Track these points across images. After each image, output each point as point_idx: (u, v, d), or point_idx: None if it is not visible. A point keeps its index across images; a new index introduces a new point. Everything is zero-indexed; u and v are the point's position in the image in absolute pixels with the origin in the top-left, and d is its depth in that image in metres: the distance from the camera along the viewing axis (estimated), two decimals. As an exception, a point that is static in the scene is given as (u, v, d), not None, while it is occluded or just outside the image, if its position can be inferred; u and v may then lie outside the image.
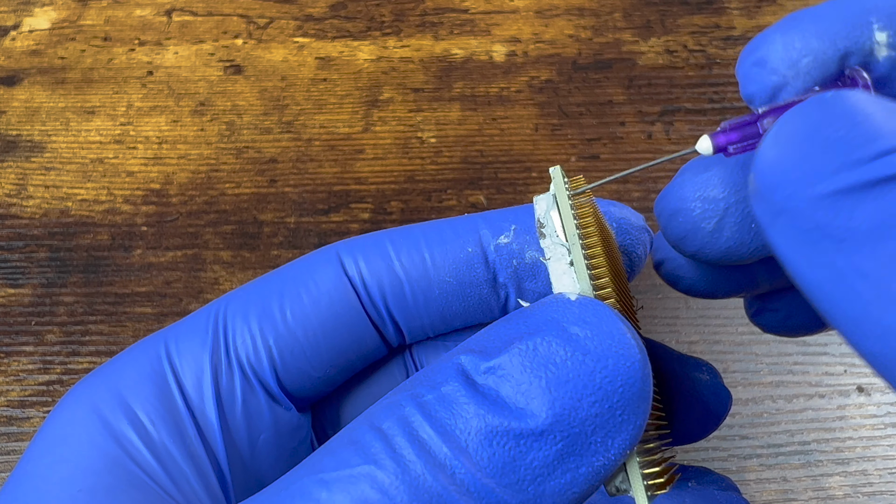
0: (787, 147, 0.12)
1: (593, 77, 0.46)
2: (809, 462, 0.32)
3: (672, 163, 0.42)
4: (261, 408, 0.18)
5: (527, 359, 0.13)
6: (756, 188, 0.12)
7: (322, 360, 0.19)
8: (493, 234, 0.19)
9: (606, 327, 0.14)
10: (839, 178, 0.11)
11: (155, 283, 0.38)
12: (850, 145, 0.11)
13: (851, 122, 0.12)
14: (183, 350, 0.18)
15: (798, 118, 0.12)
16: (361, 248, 0.19)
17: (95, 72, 0.47)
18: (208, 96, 0.45)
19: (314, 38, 0.48)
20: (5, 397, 0.34)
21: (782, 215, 0.12)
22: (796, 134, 0.12)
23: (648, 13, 0.49)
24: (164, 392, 0.18)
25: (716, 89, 0.45)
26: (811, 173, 0.12)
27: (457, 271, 0.19)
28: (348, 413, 0.21)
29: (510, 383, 0.13)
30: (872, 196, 0.11)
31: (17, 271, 0.38)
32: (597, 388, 0.13)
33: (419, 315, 0.19)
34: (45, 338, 0.36)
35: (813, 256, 0.12)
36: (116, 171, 0.42)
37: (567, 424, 0.13)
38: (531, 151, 0.42)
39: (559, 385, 0.13)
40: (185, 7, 0.50)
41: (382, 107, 0.45)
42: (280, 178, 0.42)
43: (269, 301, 0.19)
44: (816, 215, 0.12)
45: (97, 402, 0.18)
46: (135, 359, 0.19)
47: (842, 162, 0.11)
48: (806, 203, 0.12)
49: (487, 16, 0.49)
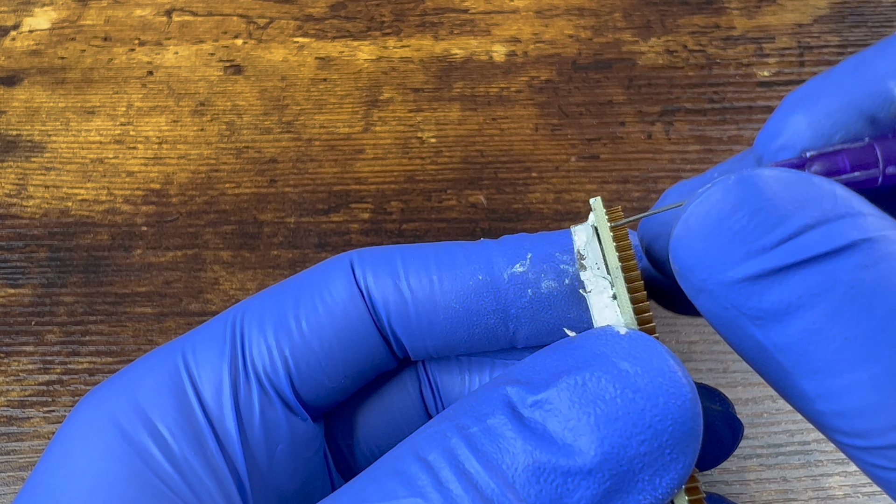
0: (696, 236, 0.13)
1: (593, 77, 0.46)
2: (809, 462, 0.32)
3: (672, 166, 0.42)
4: (278, 418, 0.18)
5: (575, 394, 0.13)
6: (674, 268, 0.13)
7: (336, 369, 0.19)
8: (508, 262, 0.18)
9: (657, 363, 0.13)
10: (745, 267, 0.12)
11: (155, 283, 0.38)
12: (752, 234, 0.12)
13: (753, 208, 0.12)
14: (201, 360, 0.18)
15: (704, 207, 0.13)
16: (372, 261, 0.19)
17: (95, 72, 0.47)
18: (208, 96, 0.45)
19: (314, 38, 0.48)
20: (5, 397, 0.34)
21: (701, 294, 0.13)
22: (704, 223, 0.13)
23: (648, 13, 0.49)
24: (183, 403, 0.18)
25: (716, 89, 0.45)
26: (720, 261, 0.12)
27: (464, 298, 0.18)
28: (361, 424, 0.21)
29: (558, 419, 0.13)
30: (777, 280, 0.12)
31: (18, 271, 0.38)
32: (646, 427, 0.13)
33: (422, 337, 0.19)
34: (45, 338, 0.36)
35: (734, 331, 0.13)
36: (116, 171, 0.42)
37: (615, 463, 0.13)
38: (531, 151, 0.42)
39: (608, 422, 0.13)
40: (185, 7, 0.50)
41: (382, 107, 0.45)
42: (280, 178, 0.42)
43: (284, 310, 0.19)
44: (731, 297, 0.12)
45: (115, 413, 0.17)
46: (152, 369, 0.18)
47: (746, 251, 0.12)
48: (720, 287, 0.12)
49: (487, 16, 0.49)
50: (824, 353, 0.12)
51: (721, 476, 0.32)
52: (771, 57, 0.47)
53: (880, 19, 0.48)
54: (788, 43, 0.47)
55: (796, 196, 0.12)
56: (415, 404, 0.21)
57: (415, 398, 0.21)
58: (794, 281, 0.12)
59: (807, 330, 0.12)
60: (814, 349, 0.12)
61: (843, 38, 0.47)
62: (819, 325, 0.12)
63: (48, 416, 0.34)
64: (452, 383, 0.20)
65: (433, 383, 0.21)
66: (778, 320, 0.12)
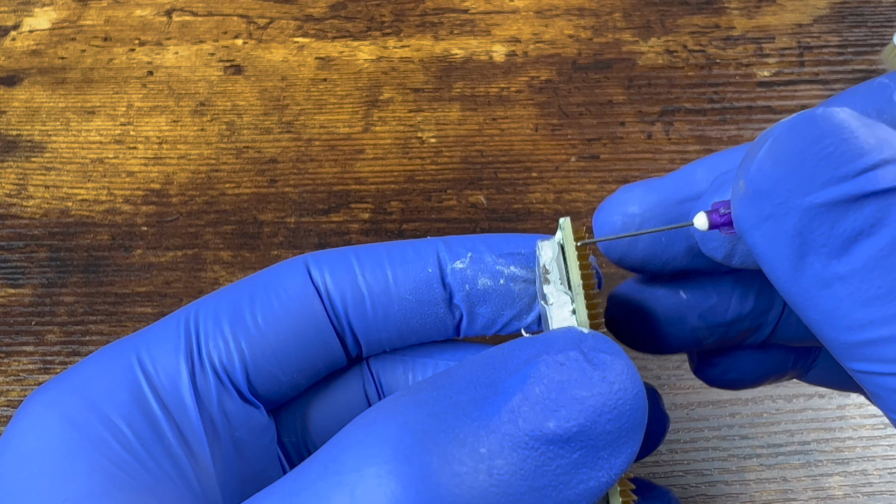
0: (781, 159, 0.13)
1: (593, 77, 0.46)
2: (809, 462, 0.32)
3: (672, 166, 0.42)
4: (235, 407, 0.19)
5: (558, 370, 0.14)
6: (747, 193, 0.14)
7: (290, 363, 0.19)
8: (451, 258, 0.20)
9: (620, 357, 0.15)
10: (826, 192, 0.13)
11: (155, 283, 0.38)
12: (838, 161, 0.13)
13: (839, 139, 0.13)
14: (156, 356, 0.19)
15: (792, 133, 0.13)
16: (328, 260, 0.20)
17: (96, 72, 0.47)
18: (208, 96, 0.45)
19: (314, 39, 0.48)
20: (5, 397, 0.34)
21: (769, 220, 0.14)
22: (790, 148, 0.13)
23: (648, 13, 0.49)
24: (139, 397, 0.18)
25: (715, 89, 0.45)
26: (802, 185, 0.13)
27: (416, 290, 0.20)
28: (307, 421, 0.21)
29: (542, 388, 0.14)
30: (854, 209, 0.13)
31: (18, 271, 0.38)
32: (612, 408, 0.14)
33: (378, 329, 0.20)
34: (45, 338, 0.36)
35: (793, 258, 0.13)
36: (116, 171, 0.42)
37: (586, 436, 0.14)
38: (531, 151, 0.42)
39: (585, 398, 0.14)
40: (185, 7, 0.50)
41: (382, 107, 0.45)
42: (280, 178, 0.42)
43: (240, 305, 0.19)
44: (802, 223, 0.13)
45: (68, 410, 0.17)
46: (103, 367, 0.19)
47: (829, 177, 0.13)
48: (795, 211, 0.13)
49: (487, 16, 0.49)
50: (886, 279, 0.13)
51: (721, 476, 0.32)
52: (771, 57, 0.47)
53: (880, 19, 0.48)
54: (788, 43, 0.47)
55: (875, 134, 0.13)
56: (359, 402, 0.22)
57: (359, 396, 0.22)
58: (869, 210, 0.13)
59: (873, 257, 0.13)
60: (876, 276, 0.13)
61: (843, 38, 0.47)
62: (886, 252, 0.13)
63: (48, 416, 0.34)
64: (396, 382, 0.21)
65: (377, 382, 0.22)
66: (844, 248, 0.13)
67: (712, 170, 0.18)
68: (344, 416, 0.21)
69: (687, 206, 0.18)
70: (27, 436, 0.17)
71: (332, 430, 0.20)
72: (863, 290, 0.13)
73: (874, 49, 0.47)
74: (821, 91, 0.45)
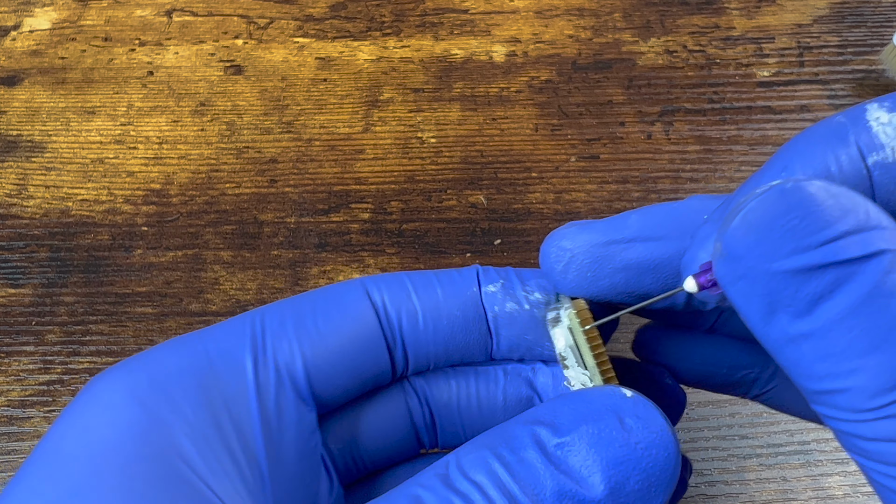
0: (752, 229, 0.15)
1: (593, 77, 0.46)
2: (809, 462, 0.32)
3: (672, 166, 0.42)
4: (290, 405, 0.20)
5: (591, 441, 0.17)
6: (723, 254, 0.16)
7: (345, 370, 0.21)
8: (486, 282, 0.22)
9: (654, 422, 0.17)
10: (791, 260, 0.14)
11: (155, 283, 0.38)
12: (803, 233, 0.14)
13: (806, 211, 0.15)
14: (223, 349, 0.20)
15: (764, 204, 0.15)
16: (384, 281, 0.22)
17: (96, 72, 0.47)
18: (209, 96, 0.45)
19: (314, 39, 0.48)
20: (6, 397, 0.34)
21: (742, 279, 0.15)
22: (761, 219, 0.15)
23: (648, 13, 0.49)
24: (204, 385, 0.19)
25: (715, 89, 0.45)
26: (770, 253, 0.15)
27: (463, 306, 0.22)
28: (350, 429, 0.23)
29: (577, 458, 0.17)
30: (816, 276, 0.14)
31: (18, 271, 0.38)
32: (642, 470, 0.17)
33: (427, 342, 0.22)
34: (45, 338, 0.36)
35: (765, 315, 0.15)
36: (117, 172, 0.42)
37: (617, 496, 0.16)
38: (531, 151, 0.42)
39: (615, 465, 0.17)
40: (185, 7, 0.50)
41: (382, 107, 0.45)
42: (280, 178, 0.42)
43: (303, 312, 0.21)
44: (770, 285, 0.15)
45: (136, 388, 0.19)
46: (173, 353, 0.20)
47: (794, 247, 0.14)
48: (763, 275, 0.15)
49: (487, 16, 0.49)
50: (841, 340, 0.14)
51: (721, 476, 0.32)
52: (770, 57, 0.47)
53: (880, 19, 0.48)
54: (788, 43, 0.47)
55: (839, 205, 0.14)
56: (402, 412, 0.23)
57: (402, 407, 0.23)
58: (829, 277, 0.14)
59: (831, 320, 0.14)
60: (833, 335, 0.14)
61: (843, 38, 0.47)
62: (842, 316, 0.14)
63: (49, 416, 0.34)
64: (439, 390, 0.23)
65: (419, 394, 0.23)
66: (808, 310, 0.14)
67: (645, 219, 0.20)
68: (388, 426, 0.23)
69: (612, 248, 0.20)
70: (93, 410, 0.19)
71: (377, 438, 0.23)
72: (821, 347, 0.14)
73: (874, 49, 0.47)
74: (820, 91, 0.45)
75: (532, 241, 0.39)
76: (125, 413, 0.18)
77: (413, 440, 0.24)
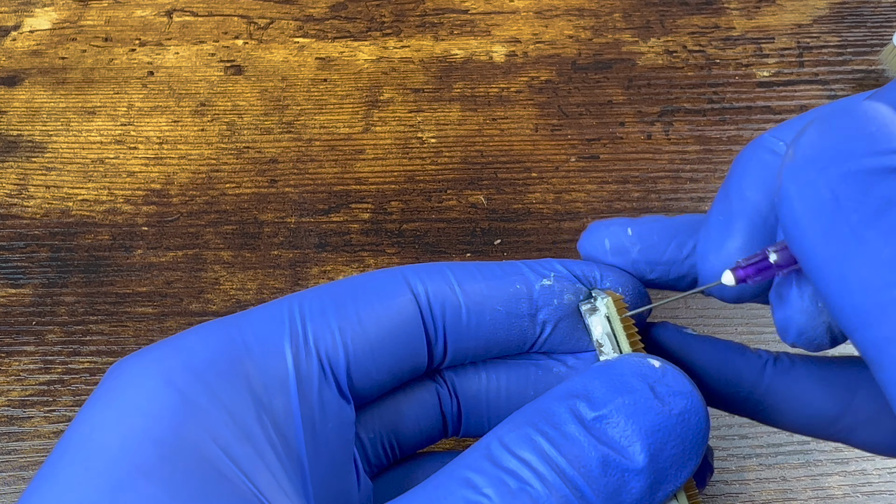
0: (828, 133, 0.15)
1: (593, 77, 0.46)
2: (809, 461, 0.32)
3: (672, 166, 0.42)
4: (331, 397, 0.20)
5: (628, 412, 0.17)
6: (794, 160, 0.16)
7: (385, 362, 0.21)
8: (538, 277, 0.22)
9: (684, 389, 0.18)
10: (865, 161, 0.15)
11: (156, 283, 0.38)
12: (877, 140, 0.15)
13: (881, 123, 0.15)
14: (260, 336, 0.19)
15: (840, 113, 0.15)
16: (426, 271, 0.22)
17: (96, 72, 0.47)
18: (209, 97, 0.45)
19: (314, 39, 0.48)
20: (6, 397, 0.34)
21: (810, 186, 0.15)
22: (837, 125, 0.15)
23: (648, 14, 0.49)
24: (239, 371, 0.18)
25: (715, 90, 0.45)
26: (844, 154, 0.15)
27: (507, 302, 0.21)
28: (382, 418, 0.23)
29: (616, 429, 0.17)
30: (887, 180, 0.14)
31: (18, 271, 0.38)
32: (677, 436, 0.17)
33: (468, 337, 0.21)
34: (45, 337, 0.36)
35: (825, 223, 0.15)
36: (117, 172, 0.42)
37: (656, 463, 0.17)
38: (531, 151, 0.42)
39: (652, 433, 0.17)
40: (185, 7, 0.50)
41: (382, 107, 0.45)
42: (280, 178, 0.42)
43: (343, 302, 0.20)
44: (839, 187, 0.15)
45: (170, 372, 0.18)
46: (205, 338, 0.19)
47: (869, 150, 0.15)
48: (834, 175, 0.15)
49: (487, 16, 0.50)
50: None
51: (721, 476, 0.32)
52: (770, 57, 0.47)
53: (879, 19, 0.48)
54: (788, 43, 0.47)
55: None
56: (433, 401, 0.23)
57: (433, 397, 0.23)
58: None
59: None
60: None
61: (843, 38, 0.47)
62: None
63: (49, 416, 0.34)
64: (469, 380, 0.23)
65: (449, 385, 0.23)
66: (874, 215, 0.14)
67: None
68: (420, 416, 0.23)
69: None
70: (126, 397, 0.18)
71: (410, 429, 0.23)
72: (885, 254, 0.14)
73: (874, 49, 0.47)
74: (820, 91, 0.45)
75: (532, 241, 0.39)
76: (161, 400, 0.17)
77: (439, 429, 0.23)
